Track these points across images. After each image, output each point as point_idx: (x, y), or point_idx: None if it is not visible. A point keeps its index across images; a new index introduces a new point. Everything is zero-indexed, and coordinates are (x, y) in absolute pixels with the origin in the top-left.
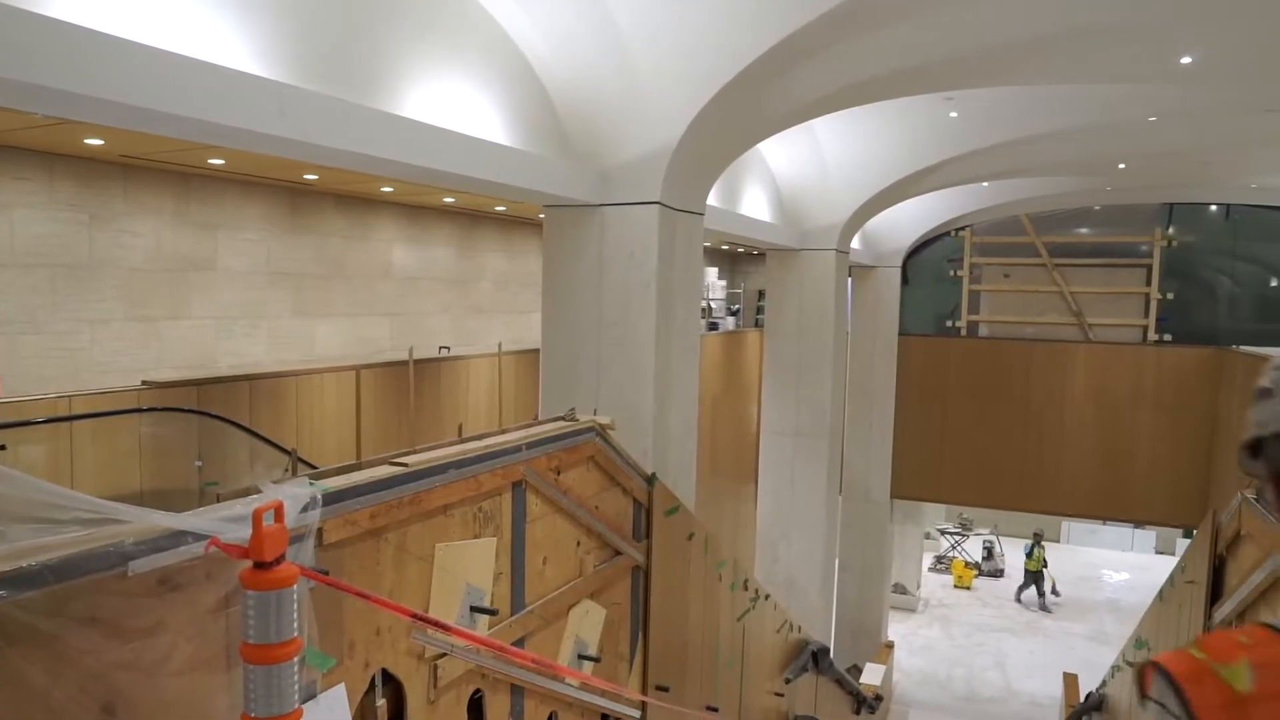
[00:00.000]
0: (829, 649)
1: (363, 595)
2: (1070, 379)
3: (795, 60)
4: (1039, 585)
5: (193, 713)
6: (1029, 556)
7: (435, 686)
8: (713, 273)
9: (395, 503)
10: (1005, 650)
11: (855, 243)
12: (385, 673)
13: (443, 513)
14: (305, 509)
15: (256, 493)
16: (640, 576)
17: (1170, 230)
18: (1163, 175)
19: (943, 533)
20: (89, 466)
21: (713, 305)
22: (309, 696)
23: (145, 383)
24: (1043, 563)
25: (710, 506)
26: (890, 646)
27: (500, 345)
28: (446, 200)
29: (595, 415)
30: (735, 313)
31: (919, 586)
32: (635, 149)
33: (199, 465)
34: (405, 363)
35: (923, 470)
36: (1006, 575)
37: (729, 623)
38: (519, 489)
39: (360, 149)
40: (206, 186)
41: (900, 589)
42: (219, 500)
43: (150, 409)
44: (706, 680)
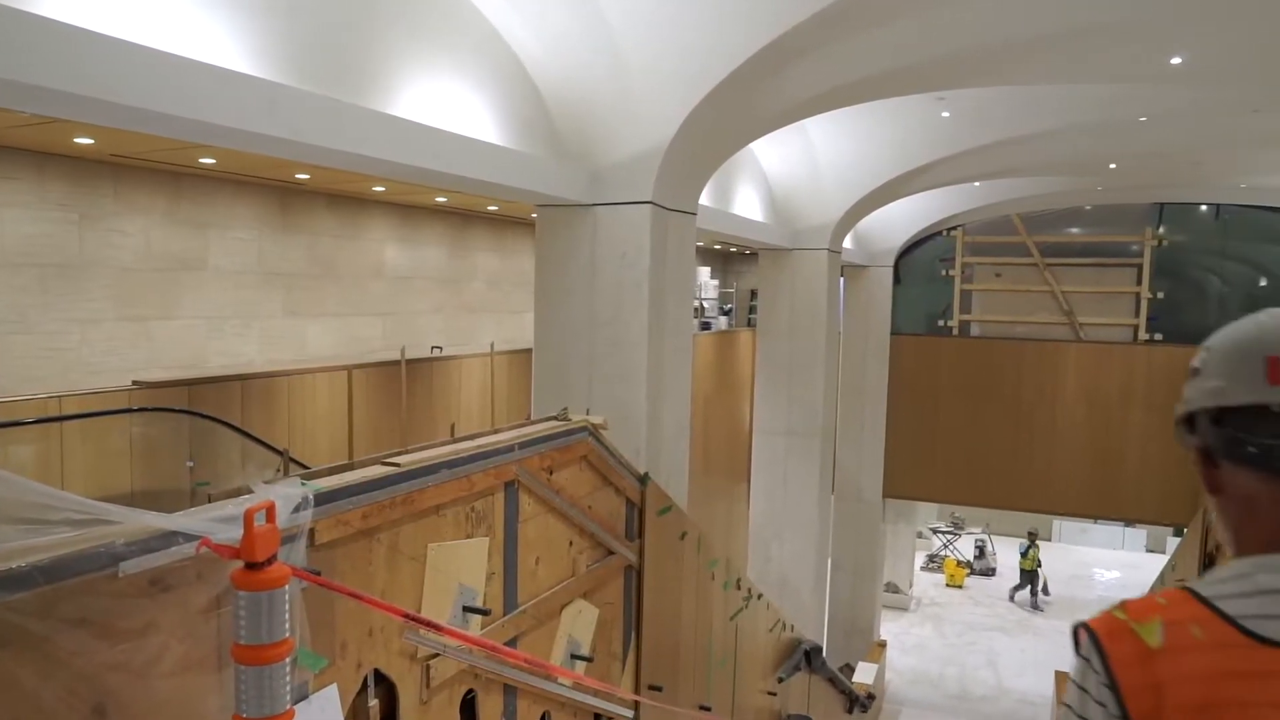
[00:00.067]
0: (821, 648)
1: (355, 595)
2: (1061, 378)
3: (787, 60)
4: (1033, 585)
5: (184, 714)
6: (1024, 556)
7: (428, 687)
8: (705, 272)
9: (387, 503)
10: (997, 649)
11: (847, 242)
12: (377, 673)
13: (435, 513)
14: (297, 509)
15: (248, 493)
16: (633, 576)
17: (1161, 230)
18: (1153, 175)
19: (935, 532)
20: (79, 467)
21: (705, 305)
22: (301, 697)
23: (136, 383)
24: (1037, 562)
25: (703, 506)
26: (883, 645)
27: (493, 345)
28: (438, 200)
29: (588, 415)
30: (728, 312)
31: (911, 585)
32: (627, 148)
33: (190, 465)
34: (397, 362)
35: (915, 469)
36: (998, 574)
37: (722, 622)
38: (511, 489)
39: (352, 148)
40: (197, 186)
41: (892, 588)
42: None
43: (141, 409)
44: (699, 679)
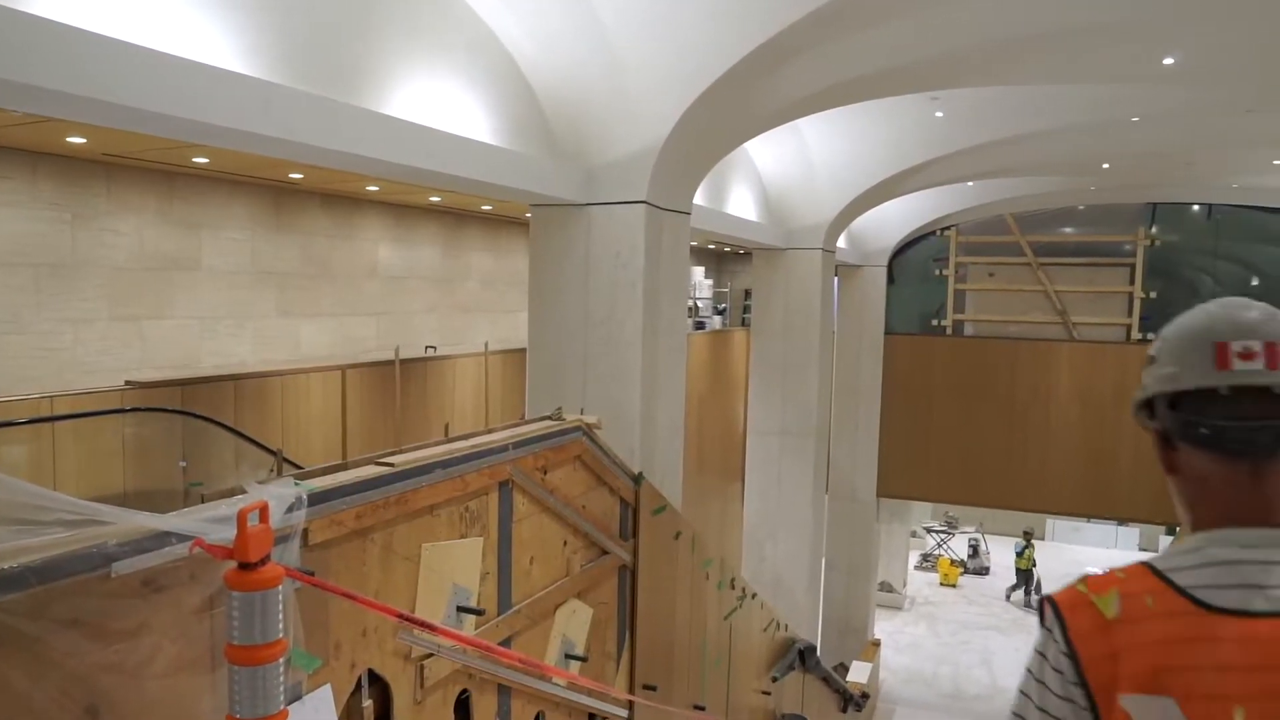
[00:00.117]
0: (816, 647)
1: (348, 596)
2: (1055, 377)
3: (782, 59)
4: (1028, 584)
5: (177, 715)
6: (1020, 555)
7: (422, 687)
8: (699, 272)
9: (381, 503)
10: (991, 648)
11: (841, 242)
12: (371, 673)
13: (429, 513)
14: (290, 509)
15: (241, 493)
16: (627, 576)
17: (1153, 230)
18: (1146, 175)
19: (929, 531)
20: (72, 467)
21: (699, 304)
22: (294, 698)
23: (129, 383)
24: (1032, 562)
25: (697, 505)
26: (877, 644)
27: (487, 345)
28: (432, 199)
29: (582, 414)
30: (722, 312)
31: (905, 584)
32: (622, 148)
33: (183, 466)
34: (391, 362)
35: (909, 469)
36: (992, 573)
37: (716, 621)
38: (506, 488)
39: (347, 148)
40: (190, 185)
41: (886, 587)
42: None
43: (134, 409)
44: (693, 679)
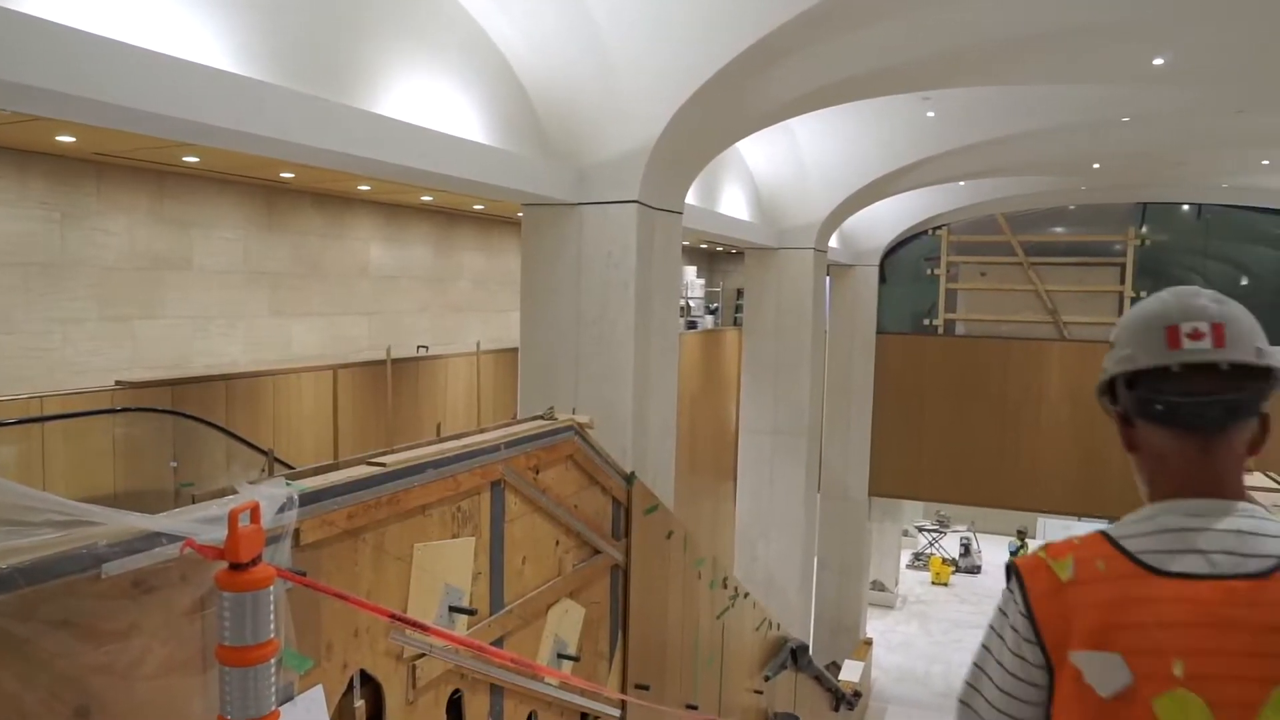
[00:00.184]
0: (808, 646)
1: (340, 596)
2: (1046, 377)
3: (773, 59)
4: None
5: (168, 716)
6: (1014, 555)
7: (414, 687)
8: (691, 271)
9: (373, 503)
10: None
11: (833, 241)
12: (363, 673)
13: (421, 512)
14: (282, 509)
15: (232, 493)
16: (619, 575)
17: (1143, 229)
18: (1136, 175)
19: (920, 530)
20: (61, 468)
21: (691, 304)
22: (286, 698)
23: (119, 383)
24: None
25: (689, 505)
26: (869, 643)
27: (479, 344)
28: (424, 199)
29: (574, 414)
30: (714, 311)
31: (897, 583)
32: (614, 148)
33: (174, 466)
34: (383, 362)
35: (900, 468)
36: (984, 571)
37: (708, 621)
38: (497, 488)
39: (339, 147)
40: (181, 184)
41: (878, 586)
42: (195, 501)
43: (124, 409)
44: (686, 678)
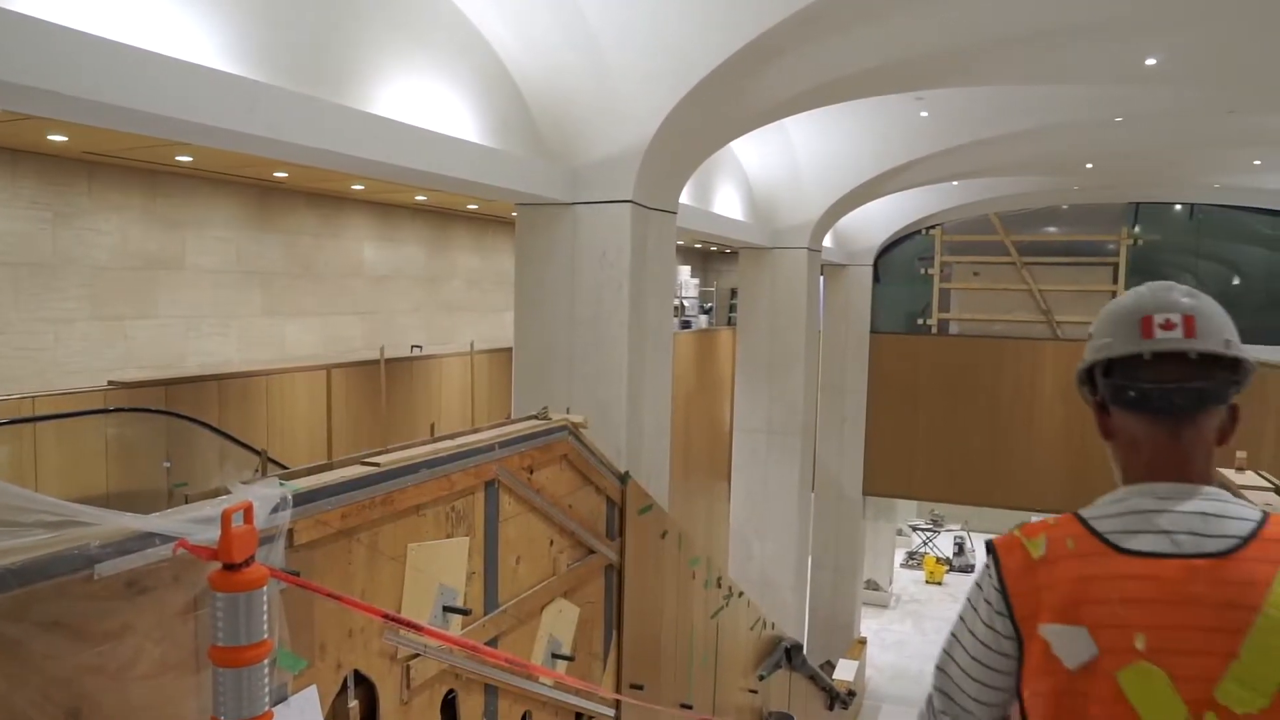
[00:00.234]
0: (802, 645)
1: (334, 596)
2: (1039, 376)
3: (767, 59)
4: None
5: (161, 717)
6: None
7: (408, 687)
8: (685, 271)
9: (367, 503)
10: None
11: (827, 241)
12: (357, 674)
13: (415, 512)
14: (275, 510)
15: (226, 494)
16: (614, 575)
17: (1136, 229)
18: (1129, 175)
19: (914, 529)
20: (53, 468)
21: (685, 303)
22: (280, 699)
23: (112, 383)
24: None
25: (683, 504)
26: (863, 642)
27: (473, 344)
28: (418, 198)
29: (568, 414)
30: (708, 311)
31: (891, 582)
32: (608, 147)
33: (167, 466)
34: (377, 362)
35: (894, 467)
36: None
37: (703, 620)
38: (492, 488)
39: (332, 147)
40: (174, 184)
41: (873, 585)
42: (188, 501)
43: (117, 409)
44: (680, 678)
